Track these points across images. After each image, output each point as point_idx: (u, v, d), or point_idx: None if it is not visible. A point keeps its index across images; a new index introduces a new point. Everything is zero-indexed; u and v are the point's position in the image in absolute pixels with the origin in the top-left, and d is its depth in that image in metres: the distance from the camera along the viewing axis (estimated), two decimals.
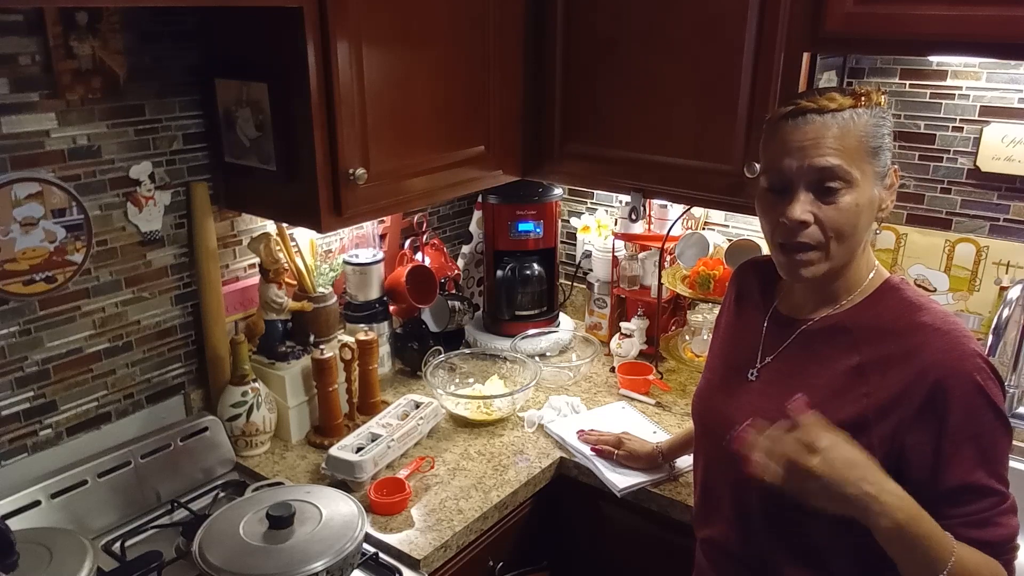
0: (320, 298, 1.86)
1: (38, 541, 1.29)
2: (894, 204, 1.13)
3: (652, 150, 1.75)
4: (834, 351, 1.12)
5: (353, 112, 1.50)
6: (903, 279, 1.15)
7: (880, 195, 1.10)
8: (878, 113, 1.08)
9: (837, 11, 1.42)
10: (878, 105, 1.09)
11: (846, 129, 1.05)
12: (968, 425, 1.01)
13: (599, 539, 1.78)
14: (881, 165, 1.09)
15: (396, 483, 1.58)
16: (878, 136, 1.07)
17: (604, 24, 1.74)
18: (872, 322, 1.11)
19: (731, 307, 1.33)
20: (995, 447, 1.03)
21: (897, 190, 1.14)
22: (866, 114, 1.07)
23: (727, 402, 1.22)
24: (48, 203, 1.43)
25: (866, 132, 1.06)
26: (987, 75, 1.68)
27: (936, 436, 1.02)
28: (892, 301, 1.11)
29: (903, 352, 1.05)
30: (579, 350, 2.21)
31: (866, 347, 1.09)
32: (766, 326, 1.23)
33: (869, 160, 1.07)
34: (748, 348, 1.24)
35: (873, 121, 1.07)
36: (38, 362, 1.50)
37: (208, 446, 1.69)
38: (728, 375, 1.26)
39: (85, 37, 1.43)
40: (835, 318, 1.14)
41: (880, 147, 1.08)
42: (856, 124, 1.06)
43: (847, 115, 1.06)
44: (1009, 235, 1.72)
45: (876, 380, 1.06)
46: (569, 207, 2.42)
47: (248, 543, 1.28)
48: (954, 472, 1.02)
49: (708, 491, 1.28)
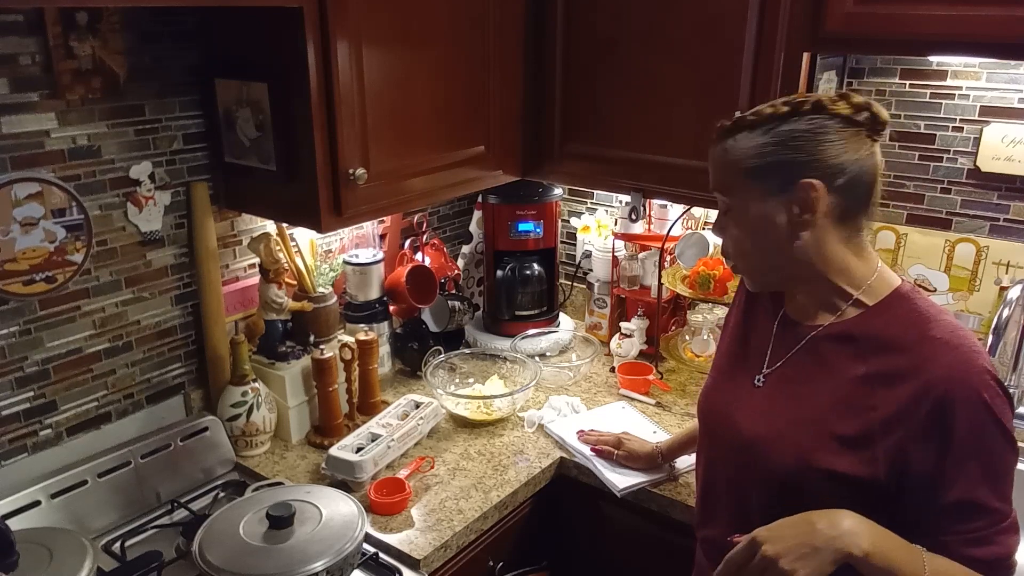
0: (320, 298, 1.86)
1: (38, 541, 1.29)
2: (819, 216, 1.06)
3: (652, 150, 1.76)
4: (840, 360, 1.10)
5: (353, 112, 1.50)
6: (914, 287, 1.12)
7: (779, 211, 1.07)
8: (778, 130, 1.06)
9: (837, 11, 1.42)
10: (801, 114, 1.06)
11: (722, 157, 1.11)
12: (973, 442, 1.00)
13: (599, 539, 1.78)
14: (772, 183, 1.06)
15: (396, 483, 1.58)
16: (763, 156, 1.06)
17: (604, 24, 1.74)
18: (880, 332, 1.08)
19: (741, 306, 1.32)
20: (999, 465, 1.02)
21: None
22: (747, 136, 1.07)
23: (732, 405, 1.21)
24: (48, 203, 1.43)
25: (742, 156, 1.08)
26: (987, 75, 1.68)
27: (940, 452, 1.00)
28: (901, 311, 1.08)
29: (911, 366, 1.03)
30: (579, 350, 2.21)
31: (873, 357, 1.07)
32: (775, 330, 1.21)
33: (749, 181, 1.08)
34: (756, 351, 1.23)
35: (758, 141, 1.06)
36: (38, 362, 1.50)
37: (208, 446, 1.69)
38: (734, 377, 1.25)
39: (85, 37, 1.43)
40: (842, 326, 1.12)
41: (764, 167, 1.06)
42: (732, 149, 1.09)
43: (729, 141, 1.09)
44: (1009, 235, 1.72)
45: (883, 393, 1.04)
46: (569, 207, 2.42)
47: (248, 543, 1.28)
48: (955, 488, 1.01)
49: (709, 490, 1.27)
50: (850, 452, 1.05)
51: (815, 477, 1.06)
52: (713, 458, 1.27)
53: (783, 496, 1.10)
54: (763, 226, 1.09)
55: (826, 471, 1.05)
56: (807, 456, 1.07)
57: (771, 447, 1.12)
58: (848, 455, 1.05)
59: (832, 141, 1.05)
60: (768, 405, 1.16)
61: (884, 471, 1.02)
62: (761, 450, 1.13)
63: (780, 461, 1.10)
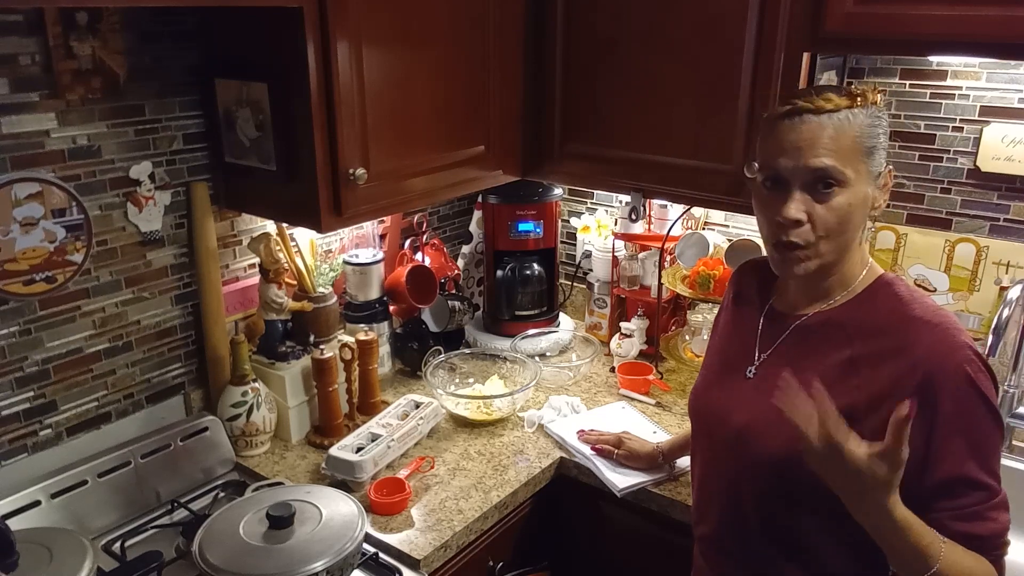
0: (320, 298, 1.86)
1: (38, 541, 1.29)
2: (887, 203, 1.15)
3: (652, 150, 1.76)
4: (827, 345, 1.14)
5: (353, 112, 1.49)
6: (897, 276, 1.16)
7: (873, 194, 1.11)
8: (873, 113, 1.09)
9: (837, 11, 1.42)
10: (874, 104, 1.09)
11: (841, 129, 1.06)
12: (958, 417, 1.02)
13: (599, 539, 1.78)
14: (875, 165, 1.10)
15: (396, 483, 1.58)
16: (873, 136, 1.08)
17: (604, 24, 1.74)
18: (865, 317, 1.12)
19: (729, 306, 1.34)
20: (986, 440, 1.04)
21: (893, 189, 1.15)
22: (862, 114, 1.08)
23: (723, 399, 1.23)
24: (48, 203, 1.43)
25: (861, 132, 1.07)
26: (987, 75, 1.68)
27: (926, 429, 1.02)
28: (884, 297, 1.13)
29: (895, 347, 1.07)
30: (579, 350, 2.21)
31: (859, 341, 1.11)
32: (762, 323, 1.24)
33: (863, 160, 1.08)
34: (745, 346, 1.25)
35: (868, 121, 1.08)
36: (38, 362, 1.50)
37: (208, 446, 1.69)
38: (725, 372, 1.27)
39: (85, 37, 1.43)
40: (829, 314, 1.16)
41: (875, 147, 1.09)
42: (851, 124, 1.07)
43: (843, 115, 1.07)
44: (1009, 235, 1.72)
45: (867, 373, 1.08)
46: (569, 207, 2.42)
47: (248, 543, 1.28)
48: (944, 465, 1.02)
49: (704, 488, 1.28)
50: None
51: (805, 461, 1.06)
52: (706, 454, 1.28)
53: (774, 481, 1.12)
54: (863, 207, 1.10)
55: None
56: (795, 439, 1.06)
57: (761, 434, 1.14)
58: None
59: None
60: (758, 394, 1.18)
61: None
62: (752, 438, 1.15)
63: (770, 448, 1.12)
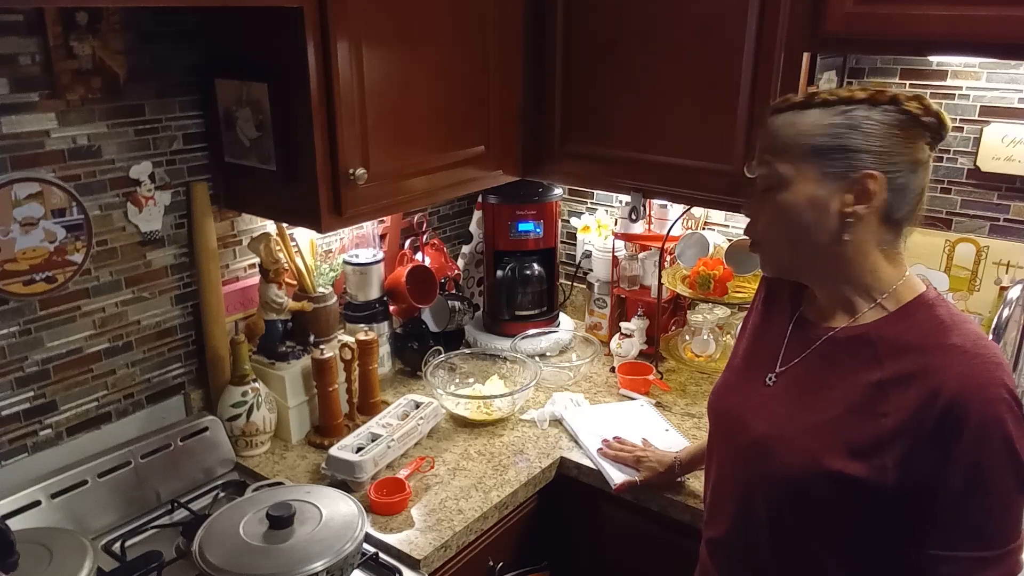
0: (320, 298, 1.86)
1: (38, 541, 1.29)
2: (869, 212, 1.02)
3: (652, 150, 1.75)
4: (855, 364, 1.07)
5: (353, 112, 1.50)
6: (939, 295, 1.07)
7: (832, 198, 1.03)
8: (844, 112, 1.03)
9: (837, 11, 1.42)
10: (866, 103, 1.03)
11: (784, 128, 1.05)
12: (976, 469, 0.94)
13: (599, 539, 1.78)
14: (833, 166, 1.02)
15: (396, 483, 1.58)
16: (834, 136, 1.02)
17: (604, 24, 1.74)
18: (898, 337, 1.04)
19: (759, 308, 1.29)
20: (1001, 511, 0.97)
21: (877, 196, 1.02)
22: (817, 112, 1.04)
23: (742, 404, 1.20)
24: (48, 203, 1.43)
25: (809, 131, 1.03)
26: (987, 75, 1.68)
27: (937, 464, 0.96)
28: (922, 317, 1.04)
29: (922, 370, 0.99)
30: (579, 350, 2.21)
31: (889, 363, 1.03)
32: (790, 330, 1.19)
33: (811, 159, 1.03)
34: (769, 352, 1.20)
35: (829, 120, 1.03)
36: (38, 362, 1.50)
37: (208, 446, 1.69)
38: (747, 377, 1.23)
39: (85, 37, 1.43)
40: (860, 329, 1.08)
41: (834, 147, 1.02)
42: (797, 123, 1.04)
43: (789, 114, 1.05)
44: (1009, 235, 1.72)
45: (895, 399, 1.00)
46: (569, 207, 2.42)
47: (248, 543, 1.28)
48: (944, 537, 0.98)
49: (718, 491, 1.25)
50: (860, 459, 1.02)
51: (824, 480, 1.04)
52: (722, 457, 1.25)
53: (790, 496, 1.09)
54: (810, 209, 1.04)
55: (836, 474, 1.03)
56: (816, 459, 1.05)
57: (779, 448, 1.10)
58: (858, 461, 1.02)
59: (900, 138, 1.02)
60: (778, 405, 1.14)
61: (893, 478, 0.99)
62: (769, 450, 1.12)
63: (788, 462, 1.08)
